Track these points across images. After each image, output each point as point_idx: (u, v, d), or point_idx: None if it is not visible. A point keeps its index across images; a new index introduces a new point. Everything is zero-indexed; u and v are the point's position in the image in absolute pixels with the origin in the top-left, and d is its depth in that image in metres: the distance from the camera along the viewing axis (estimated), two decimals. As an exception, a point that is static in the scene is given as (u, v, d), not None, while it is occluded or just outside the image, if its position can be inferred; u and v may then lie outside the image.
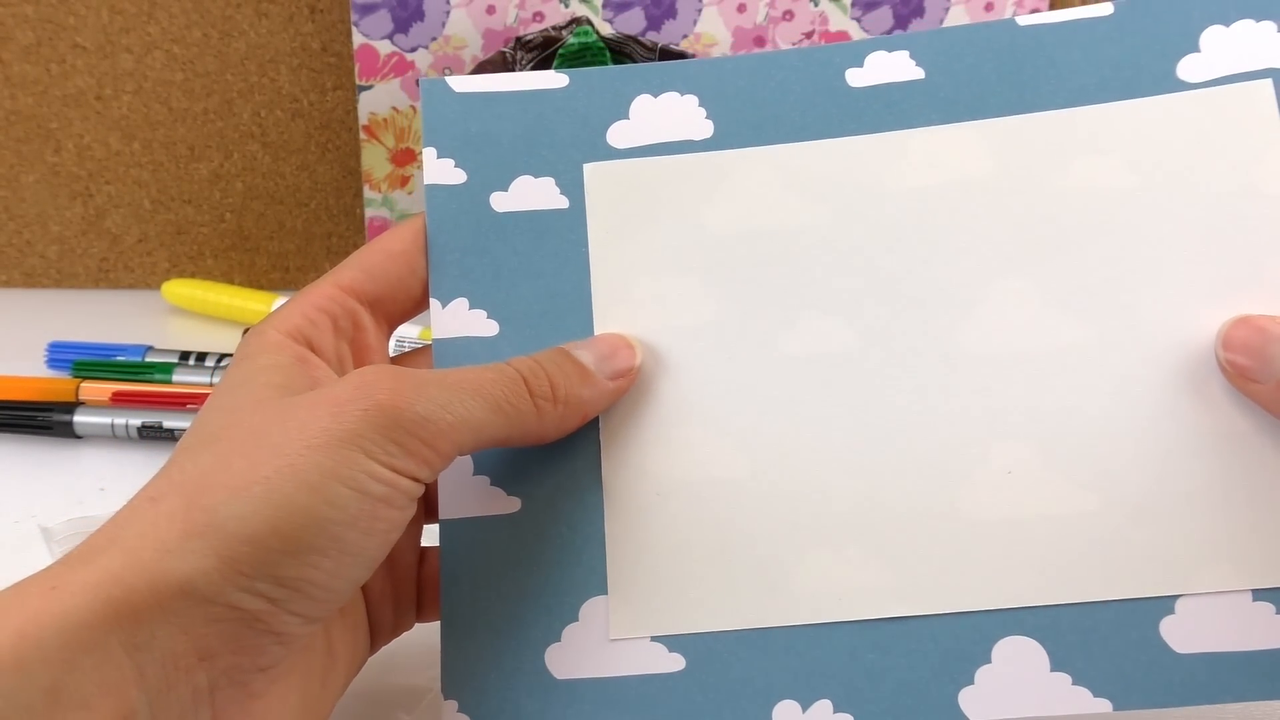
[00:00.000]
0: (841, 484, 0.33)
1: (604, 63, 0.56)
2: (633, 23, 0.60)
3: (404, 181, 0.62)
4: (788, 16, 0.60)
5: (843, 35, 0.60)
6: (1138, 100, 0.35)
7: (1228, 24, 0.35)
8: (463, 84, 0.37)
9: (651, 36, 0.60)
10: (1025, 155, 0.35)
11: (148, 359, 0.56)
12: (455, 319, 0.35)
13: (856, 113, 0.36)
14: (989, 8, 0.60)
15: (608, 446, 0.34)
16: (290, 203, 0.65)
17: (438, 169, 0.36)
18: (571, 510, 0.34)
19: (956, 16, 0.60)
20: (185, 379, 0.54)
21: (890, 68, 0.36)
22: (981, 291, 0.34)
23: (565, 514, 0.34)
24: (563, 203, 0.36)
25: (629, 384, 0.35)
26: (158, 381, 0.54)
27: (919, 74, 0.36)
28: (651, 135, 0.36)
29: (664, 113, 0.36)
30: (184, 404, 0.52)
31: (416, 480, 0.30)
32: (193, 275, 0.66)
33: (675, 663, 0.33)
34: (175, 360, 0.56)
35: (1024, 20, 0.36)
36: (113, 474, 0.49)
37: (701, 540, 0.33)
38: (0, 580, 0.42)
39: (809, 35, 0.60)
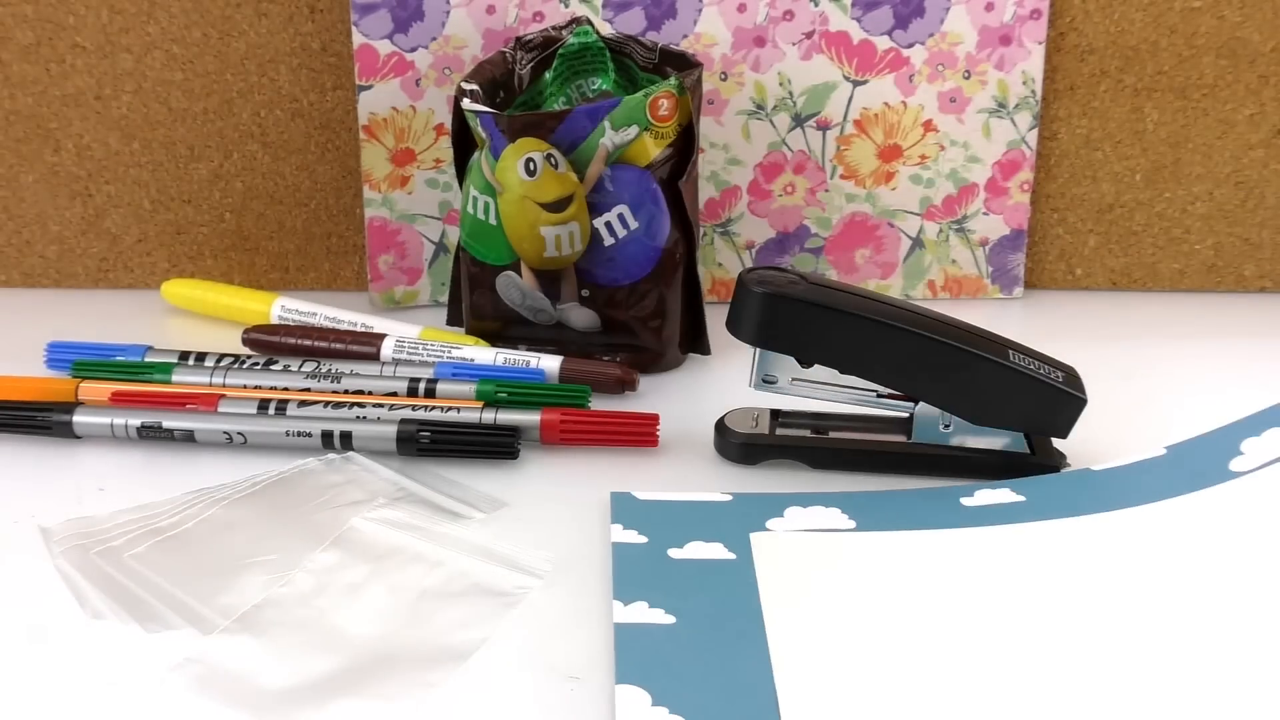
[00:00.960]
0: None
1: (604, 63, 0.56)
2: (633, 23, 0.60)
3: (404, 181, 0.62)
4: (788, 16, 0.60)
5: (843, 35, 0.60)
6: (1200, 491, 0.44)
7: (1259, 434, 0.44)
8: (644, 494, 0.46)
9: (651, 36, 0.60)
10: (1113, 539, 0.42)
11: (147, 359, 0.56)
12: (636, 614, 0.40)
13: (969, 518, 0.45)
14: (989, 8, 0.60)
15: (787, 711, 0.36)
16: (290, 203, 0.65)
17: (623, 535, 0.44)
18: None
19: (957, 16, 0.60)
20: (185, 379, 0.54)
21: (996, 496, 0.46)
22: (1110, 627, 0.39)
23: None
24: (730, 556, 0.43)
25: None
26: (157, 381, 0.54)
27: (1020, 498, 0.46)
28: (803, 526, 0.44)
29: (813, 516, 0.45)
30: (184, 404, 0.52)
31: None
32: (192, 275, 0.66)
33: None
34: (175, 360, 0.55)
35: (1098, 467, 0.47)
36: (112, 474, 0.49)
37: None
38: (0, 580, 0.42)
39: (809, 35, 0.60)
